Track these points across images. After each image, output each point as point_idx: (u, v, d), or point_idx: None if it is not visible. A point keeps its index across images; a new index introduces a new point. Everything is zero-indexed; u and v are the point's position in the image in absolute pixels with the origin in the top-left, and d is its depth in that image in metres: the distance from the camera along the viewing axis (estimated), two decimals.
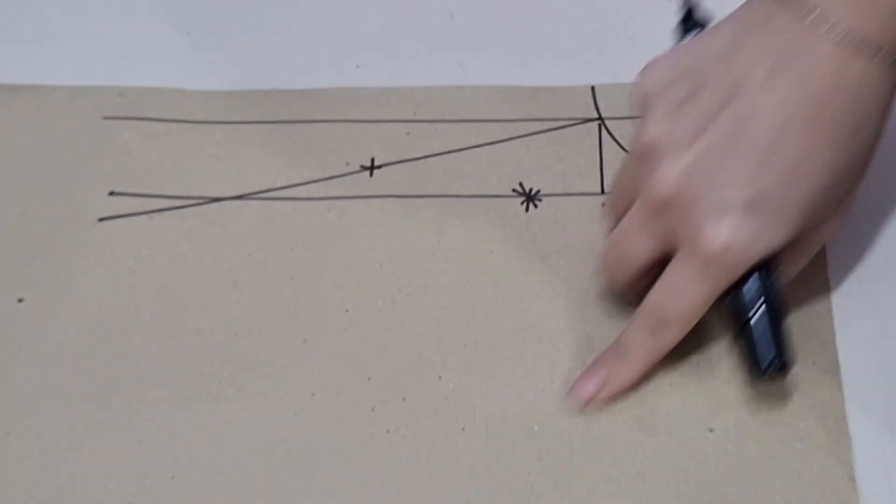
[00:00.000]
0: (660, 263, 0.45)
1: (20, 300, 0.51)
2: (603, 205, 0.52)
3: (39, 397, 0.48)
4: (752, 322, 0.44)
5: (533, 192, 0.54)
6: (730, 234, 0.42)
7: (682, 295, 0.44)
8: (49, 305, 0.51)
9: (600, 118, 0.56)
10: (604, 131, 0.56)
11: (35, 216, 0.54)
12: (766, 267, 0.44)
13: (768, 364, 0.44)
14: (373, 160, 0.55)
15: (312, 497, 0.45)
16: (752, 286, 0.44)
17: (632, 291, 0.47)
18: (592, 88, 0.57)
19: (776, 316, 0.44)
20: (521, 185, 0.54)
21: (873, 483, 0.44)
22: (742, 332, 0.45)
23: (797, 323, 0.48)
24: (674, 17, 0.52)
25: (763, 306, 0.44)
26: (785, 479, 0.45)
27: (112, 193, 0.55)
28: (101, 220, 0.54)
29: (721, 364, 0.48)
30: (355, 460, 0.46)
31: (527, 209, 0.53)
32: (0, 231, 0.53)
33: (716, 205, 0.42)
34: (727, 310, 0.45)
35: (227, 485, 0.46)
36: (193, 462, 0.46)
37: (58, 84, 0.59)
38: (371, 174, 0.55)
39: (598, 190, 0.54)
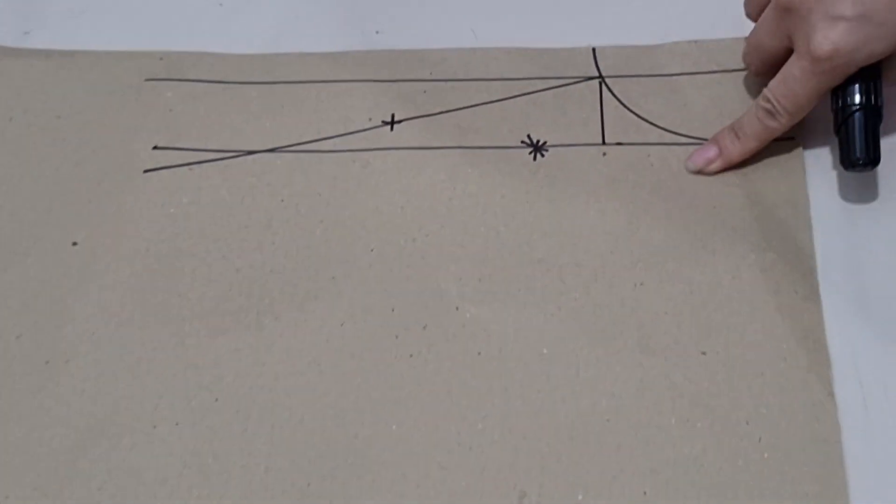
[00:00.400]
0: (786, 58, 0.50)
1: (74, 243, 0.53)
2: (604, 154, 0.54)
3: (94, 329, 0.50)
4: (851, 121, 0.49)
5: (540, 143, 0.55)
6: (837, 41, 0.47)
7: (792, 89, 0.49)
8: (101, 248, 0.53)
9: (601, 76, 0.58)
10: (604, 88, 0.57)
11: (86, 169, 0.56)
12: (869, 76, 0.49)
13: (858, 158, 0.49)
14: (393, 116, 0.57)
15: (343, 415, 0.47)
16: (854, 90, 0.49)
17: (765, 77, 0.52)
18: (593, 50, 0.59)
19: (872, 117, 0.49)
20: (528, 136, 0.56)
21: (849, 397, 0.46)
22: (841, 129, 0.50)
23: (781, 257, 0.50)
24: None
25: (862, 108, 0.49)
26: (770, 395, 0.46)
27: (156, 147, 0.56)
28: (146, 171, 0.55)
29: (712, 294, 0.49)
30: (381, 382, 0.48)
31: (534, 158, 0.55)
32: (55, 182, 0.55)
33: (829, 14, 0.47)
34: (832, 109, 0.50)
35: (265, 405, 0.48)
36: (235, 385, 0.48)
37: (105, 49, 0.60)
38: (392, 128, 0.56)
39: (600, 140, 0.55)
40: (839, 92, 0.50)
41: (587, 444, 0.46)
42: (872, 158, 0.49)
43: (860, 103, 0.49)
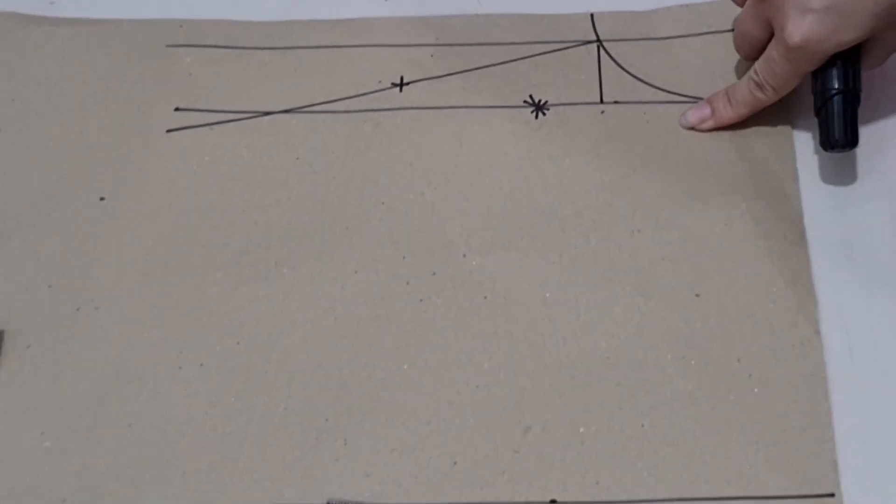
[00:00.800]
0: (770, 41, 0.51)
1: (102, 199, 0.54)
2: (602, 112, 0.55)
3: (122, 279, 0.51)
4: (830, 104, 0.50)
5: (541, 103, 0.56)
6: (805, 31, 0.48)
7: (773, 69, 0.51)
8: (127, 203, 0.53)
9: (598, 40, 0.58)
10: (601, 51, 0.58)
11: (112, 129, 0.56)
12: (848, 60, 0.49)
13: (837, 140, 0.49)
14: (402, 78, 0.57)
15: (357, 357, 0.48)
16: (833, 74, 0.50)
17: (753, 59, 0.53)
18: (591, 15, 0.60)
19: (850, 101, 0.50)
20: (530, 96, 0.56)
21: (834, 334, 0.47)
22: (821, 111, 0.50)
23: (770, 206, 0.51)
24: None
25: (840, 92, 0.49)
26: (760, 334, 0.47)
27: (177, 109, 0.57)
28: (168, 131, 0.56)
29: (706, 240, 0.50)
30: (393, 325, 0.49)
31: (536, 117, 0.55)
32: (84, 142, 0.56)
33: (801, 5, 0.47)
34: (812, 92, 0.51)
35: (284, 348, 0.48)
36: (256, 330, 0.49)
37: (127, 17, 0.61)
38: (401, 90, 0.57)
39: (598, 100, 0.56)
40: (819, 76, 0.50)
41: (588, 382, 0.46)
42: (850, 140, 0.50)
43: (839, 87, 0.49)
